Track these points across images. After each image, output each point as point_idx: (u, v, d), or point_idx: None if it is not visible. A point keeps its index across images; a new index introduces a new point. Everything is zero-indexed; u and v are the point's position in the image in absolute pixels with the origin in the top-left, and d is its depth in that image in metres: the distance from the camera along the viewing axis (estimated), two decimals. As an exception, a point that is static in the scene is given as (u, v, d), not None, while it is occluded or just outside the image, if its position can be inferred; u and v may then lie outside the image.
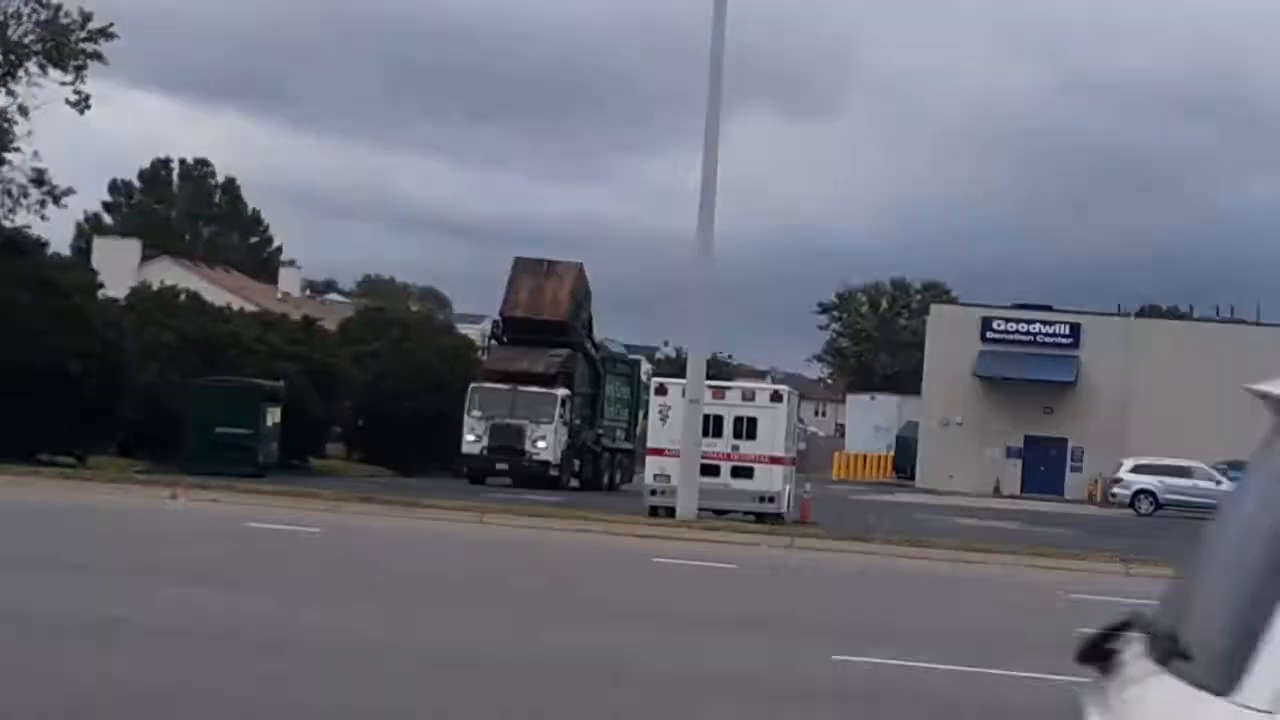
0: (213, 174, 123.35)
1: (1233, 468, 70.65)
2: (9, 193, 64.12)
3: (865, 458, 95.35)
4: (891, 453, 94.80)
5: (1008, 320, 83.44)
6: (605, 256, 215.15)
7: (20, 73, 63.16)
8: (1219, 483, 67.63)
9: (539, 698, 13.26)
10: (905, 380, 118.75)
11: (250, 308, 71.06)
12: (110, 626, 15.51)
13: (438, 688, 13.49)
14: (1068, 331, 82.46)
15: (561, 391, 56.99)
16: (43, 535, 25.34)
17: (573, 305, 58.92)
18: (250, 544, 26.29)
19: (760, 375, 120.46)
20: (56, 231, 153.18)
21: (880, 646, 17.65)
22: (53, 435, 47.82)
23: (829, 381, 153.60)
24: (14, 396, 46.32)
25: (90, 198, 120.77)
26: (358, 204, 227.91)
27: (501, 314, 59.98)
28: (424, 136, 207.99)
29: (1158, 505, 66.25)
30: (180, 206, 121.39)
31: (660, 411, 42.29)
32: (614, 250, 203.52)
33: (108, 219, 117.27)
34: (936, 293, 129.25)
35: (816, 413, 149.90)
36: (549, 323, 57.96)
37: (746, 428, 41.44)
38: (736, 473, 41.04)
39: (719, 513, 39.96)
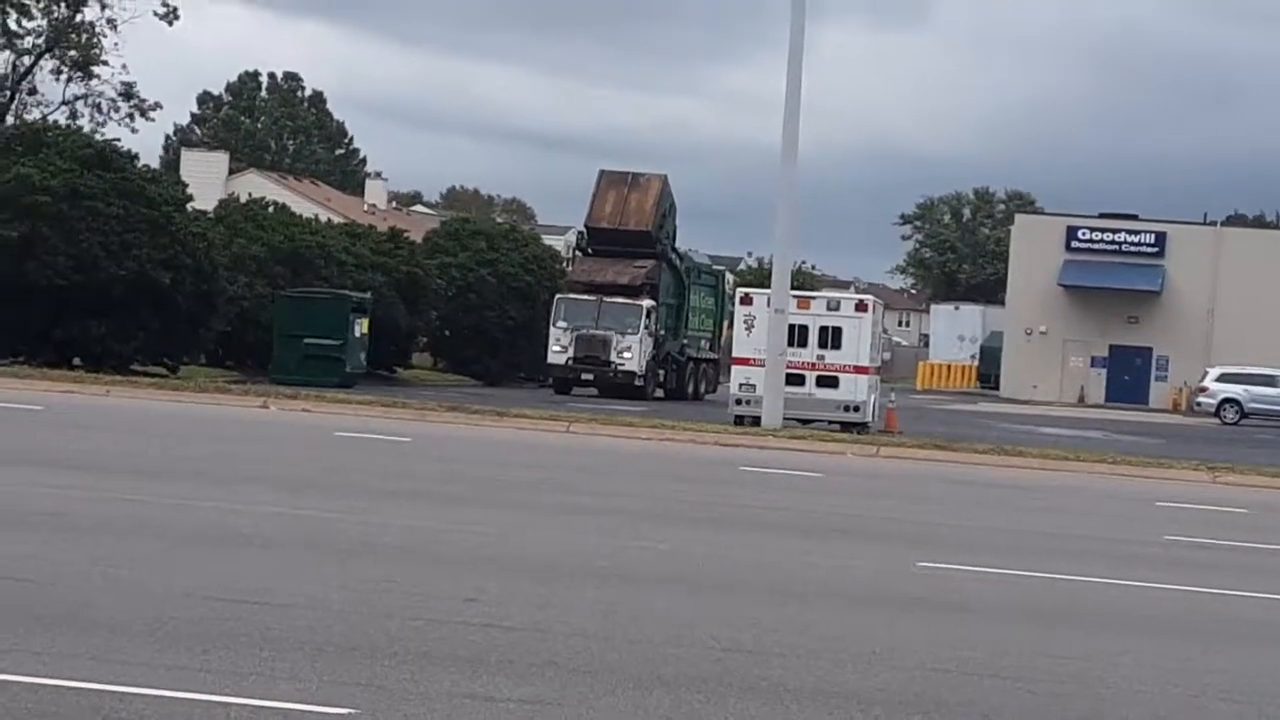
0: (301, 87, 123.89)
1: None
2: (98, 106, 64.82)
3: (949, 368, 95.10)
4: (976, 363, 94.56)
5: (1092, 229, 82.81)
6: (690, 167, 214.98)
7: (109, -15, 63.62)
8: (1305, 391, 67.20)
9: (643, 598, 13.53)
10: (989, 290, 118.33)
11: (337, 219, 71.51)
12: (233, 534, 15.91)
13: (519, 588, 13.78)
14: (1153, 240, 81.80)
15: (647, 302, 57.14)
16: (165, 446, 25.79)
17: (657, 216, 58.93)
18: (356, 451, 26.67)
19: (844, 285, 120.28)
20: (145, 144, 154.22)
21: (966, 554, 17.85)
22: (145, 345, 48.59)
23: (912, 292, 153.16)
24: (107, 307, 47.10)
25: (178, 111, 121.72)
26: (443, 116, 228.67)
27: (586, 225, 59.96)
28: (508, 46, 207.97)
29: (1243, 414, 65.94)
30: (267, 119, 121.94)
31: (745, 321, 42.42)
32: (698, 161, 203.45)
33: (196, 132, 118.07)
34: (1021, 203, 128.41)
35: (900, 323, 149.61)
36: (633, 233, 57.98)
37: (831, 337, 41.54)
38: (821, 382, 41.18)
39: (804, 422, 40.11)
